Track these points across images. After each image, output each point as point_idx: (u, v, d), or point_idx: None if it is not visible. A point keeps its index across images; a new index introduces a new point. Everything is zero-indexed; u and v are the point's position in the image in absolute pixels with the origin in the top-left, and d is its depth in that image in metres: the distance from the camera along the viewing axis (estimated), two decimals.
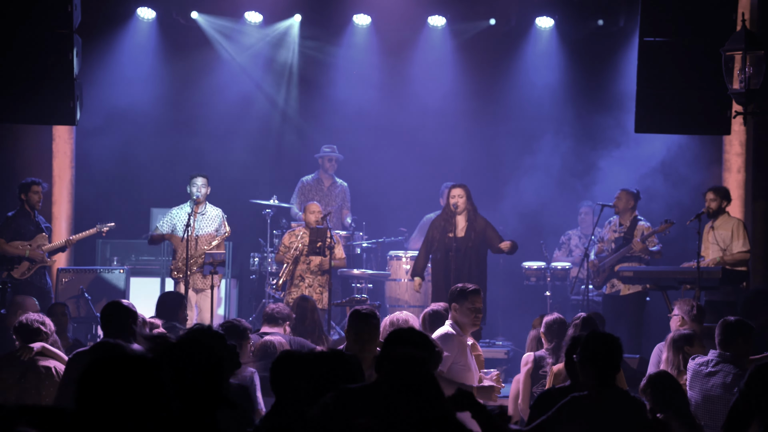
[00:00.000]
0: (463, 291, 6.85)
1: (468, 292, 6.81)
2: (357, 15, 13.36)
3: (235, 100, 13.52)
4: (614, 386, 5.07)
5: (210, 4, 13.12)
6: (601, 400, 4.94)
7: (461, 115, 13.65)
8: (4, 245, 10.67)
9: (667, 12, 9.43)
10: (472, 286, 6.93)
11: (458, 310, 6.79)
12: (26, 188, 10.77)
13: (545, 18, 13.22)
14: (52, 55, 9.30)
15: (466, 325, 6.80)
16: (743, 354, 6.59)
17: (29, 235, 10.78)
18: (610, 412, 4.91)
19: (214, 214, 11.03)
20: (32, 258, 10.72)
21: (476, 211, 10.47)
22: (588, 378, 5.03)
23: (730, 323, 6.68)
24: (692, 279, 9.68)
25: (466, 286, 6.91)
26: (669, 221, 10.77)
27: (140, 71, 13.17)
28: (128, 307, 6.25)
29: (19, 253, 10.69)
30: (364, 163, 13.44)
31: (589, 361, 5.02)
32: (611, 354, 5.03)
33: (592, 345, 5.05)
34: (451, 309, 6.86)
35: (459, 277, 9.70)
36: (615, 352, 5.06)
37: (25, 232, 10.76)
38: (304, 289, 10.93)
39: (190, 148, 13.27)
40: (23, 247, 10.71)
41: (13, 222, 10.77)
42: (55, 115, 9.71)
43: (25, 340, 6.86)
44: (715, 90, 8.80)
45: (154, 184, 13.16)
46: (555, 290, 12.08)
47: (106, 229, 11.24)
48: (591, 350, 5.03)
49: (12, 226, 10.74)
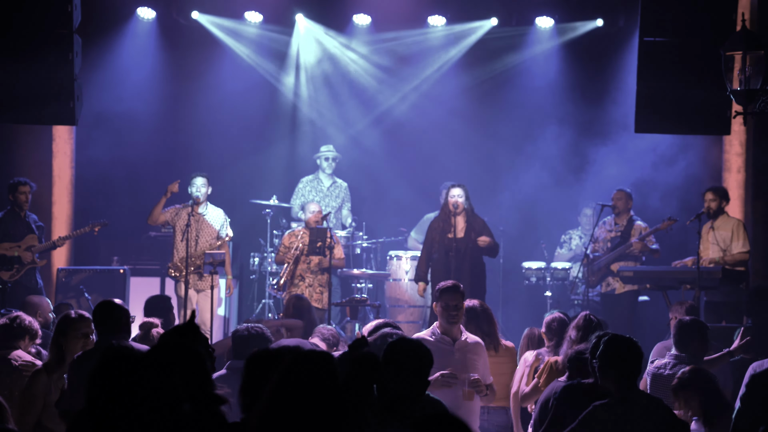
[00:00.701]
0: (438, 289, 6.79)
1: (441, 290, 6.74)
2: (357, 15, 13.36)
3: (235, 99, 13.52)
4: (637, 389, 5.03)
5: (210, 4, 13.12)
6: (626, 405, 4.88)
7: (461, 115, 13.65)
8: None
9: (667, 12, 9.43)
10: (449, 284, 6.83)
11: (437, 310, 6.77)
12: (13, 188, 10.73)
13: (545, 18, 13.22)
14: (52, 55, 9.30)
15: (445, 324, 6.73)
16: (699, 355, 6.61)
17: (19, 236, 10.72)
18: (637, 416, 4.86)
19: (216, 214, 11.02)
20: (22, 259, 10.69)
21: (474, 211, 10.46)
22: (610, 383, 4.98)
23: (686, 324, 6.71)
24: (692, 279, 9.69)
25: (442, 285, 6.85)
26: (672, 218, 10.78)
27: (140, 71, 13.16)
28: (122, 306, 6.21)
29: (8, 254, 10.65)
30: (365, 163, 13.44)
31: (611, 367, 4.97)
32: (635, 357, 5.01)
33: (614, 349, 5.01)
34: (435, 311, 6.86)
35: (459, 277, 9.68)
36: (638, 355, 5.02)
37: (14, 234, 10.70)
38: (304, 288, 10.93)
39: (190, 147, 13.27)
40: (12, 249, 10.67)
41: (2, 224, 10.72)
42: (55, 115, 9.70)
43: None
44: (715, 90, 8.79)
45: (153, 184, 13.13)
46: (555, 290, 12.09)
47: (98, 227, 11.19)
48: (613, 355, 4.98)
49: (1, 228, 10.70)
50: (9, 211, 10.78)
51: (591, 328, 6.40)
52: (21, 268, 10.66)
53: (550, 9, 13.14)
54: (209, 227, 10.93)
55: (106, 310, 6.14)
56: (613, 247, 11.13)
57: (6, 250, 10.64)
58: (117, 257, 12.38)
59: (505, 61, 13.60)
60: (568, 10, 13.05)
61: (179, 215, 10.90)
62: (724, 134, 10.71)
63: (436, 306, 6.77)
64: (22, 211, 10.76)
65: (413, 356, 4.89)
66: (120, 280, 11.47)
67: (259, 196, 12.47)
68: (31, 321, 6.92)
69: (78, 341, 6.12)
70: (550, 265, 12.13)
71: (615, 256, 11.05)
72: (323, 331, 7.78)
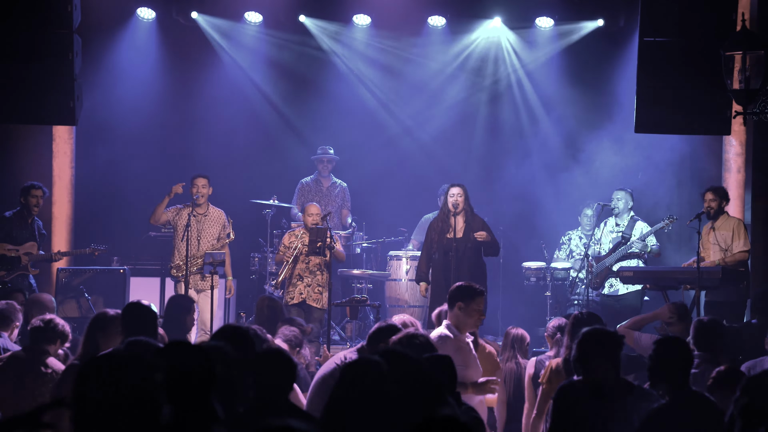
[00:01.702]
0: (472, 291, 6.79)
1: (476, 293, 6.78)
2: (357, 15, 13.35)
3: (235, 99, 13.52)
4: (690, 389, 5.04)
5: (210, 5, 13.12)
6: (680, 406, 4.89)
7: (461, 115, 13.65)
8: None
9: (667, 12, 9.43)
10: (480, 287, 6.92)
11: (464, 309, 6.74)
12: (26, 191, 10.70)
13: (545, 18, 13.22)
14: (52, 55, 9.30)
15: (468, 325, 6.77)
16: (720, 353, 6.60)
17: (21, 240, 10.69)
18: (692, 416, 4.88)
19: (216, 215, 11.02)
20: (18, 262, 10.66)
21: (473, 211, 10.44)
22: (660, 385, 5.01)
23: (706, 323, 6.69)
24: (692, 279, 9.67)
25: (473, 286, 6.86)
26: (672, 217, 10.77)
27: (140, 71, 13.16)
28: (149, 308, 6.19)
29: (8, 255, 10.62)
30: (365, 163, 13.43)
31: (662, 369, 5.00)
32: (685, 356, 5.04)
33: (663, 351, 5.03)
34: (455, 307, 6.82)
35: (459, 277, 9.66)
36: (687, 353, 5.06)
37: (17, 236, 10.67)
38: (302, 288, 10.92)
39: (190, 147, 13.27)
40: (11, 251, 10.64)
41: (8, 224, 10.70)
42: (55, 115, 9.71)
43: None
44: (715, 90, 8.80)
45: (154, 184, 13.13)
46: (555, 290, 12.07)
47: (98, 252, 11.21)
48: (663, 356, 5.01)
49: (5, 228, 10.69)
50: (17, 212, 10.76)
51: (580, 325, 6.41)
52: (12, 271, 10.61)
53: (550, 9, 13.14)
54: (210, 228, 10.93)
55: (132, 312, 6.13)
56: (614, 248, 11.12)
57: (5, 251, 10.62)
58: (117, 257, 12.38)
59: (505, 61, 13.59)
60: (569, 10, 13.04)
61: (180, 215, 10.90)
62: (724, 134, 10.70)
63: (465, 306, 6.76)
64: (30, 216, 10.74)
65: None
66: (120, 280, 11.46)
67: (259, 196, 12.47)
68: (63, 324, 6.91)
69: (116, 338, 6.10)
70: (550, 266, 12.12)
71: (617, 257, 11.04)
72: (285, 331, 7.75)
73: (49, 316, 6.95)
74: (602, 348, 5.12)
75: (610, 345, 5.15)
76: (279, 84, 13.77)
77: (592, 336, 5.14)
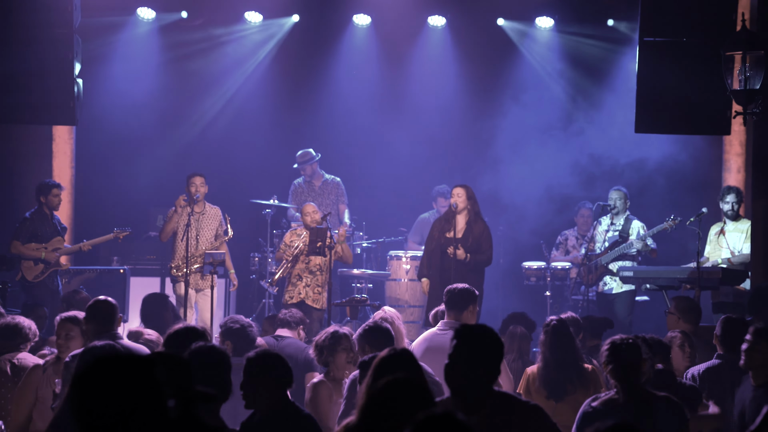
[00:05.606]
0: (476, 295, 7.05)
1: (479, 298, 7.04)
2: (357, 15, 13.36)
3: (235, 99, 13.53)
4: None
5: (210, 4, 13.12)
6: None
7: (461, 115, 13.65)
8: (20, 247, 10.69)
9: (667, 12, 9.41)
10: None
11: (473, 312, 6.88)
12: (46, 191, 10.77)
13: (545, 18, 13.22)
14: (52, 55, 9.30)
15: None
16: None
17: (46, 237, 10.78)
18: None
19: (213, 213, 11.02)
20: (47, 260, 10.73)
21: (478, 215, 10.39)
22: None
23: (735, 321, 6.64)
24: (692, 279, 9.67)
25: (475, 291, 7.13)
26: (675, 218, 10.76)
27: (140, 71, 13.17)
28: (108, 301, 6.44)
29: (35, 255, 10.68)
30: (364, 163, 13.43)
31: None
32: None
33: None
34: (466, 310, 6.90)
35: (456, 276, 9.68)
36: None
37: (42, 234, 10.76)
38: (301, 288, 10.92)
39: (189, 147, 13.27)
40: (39, 250, 10.70)
41: (31, 224, 10.77)
42: (55, 115, 9.72)
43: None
44: (715, 90, 8.79)
45: (154, 184, 13.15)
46: (555, 290, 12.08)
47: (123, 234, 11.24)
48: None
49: (29, 228, 10.75)
50: (37, 211, 10.81)
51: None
52: (46, 270, 10.71)
53: (550, 9, 13.15)
54: (208, 226, 10.94)
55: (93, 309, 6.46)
56: (611, 247, 11.13)
57: (33, 250, 10.68)
58: (117, 257, 12.38)
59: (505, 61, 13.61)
60: (569, 10, 13.05)
61: (180, 217, 10.90)
62: (724, 134, 10.70)
63: (474, 308, 6.99)
64: (52, 212, 10.83)
65: None
66: (120, 280, 11.47)
67: (259, 196, 12.47)
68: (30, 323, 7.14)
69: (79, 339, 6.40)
70: (550, 265, 12.12)
71: (613, 256, 11.05)
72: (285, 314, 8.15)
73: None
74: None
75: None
76: (279, 83, 13.77)
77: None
